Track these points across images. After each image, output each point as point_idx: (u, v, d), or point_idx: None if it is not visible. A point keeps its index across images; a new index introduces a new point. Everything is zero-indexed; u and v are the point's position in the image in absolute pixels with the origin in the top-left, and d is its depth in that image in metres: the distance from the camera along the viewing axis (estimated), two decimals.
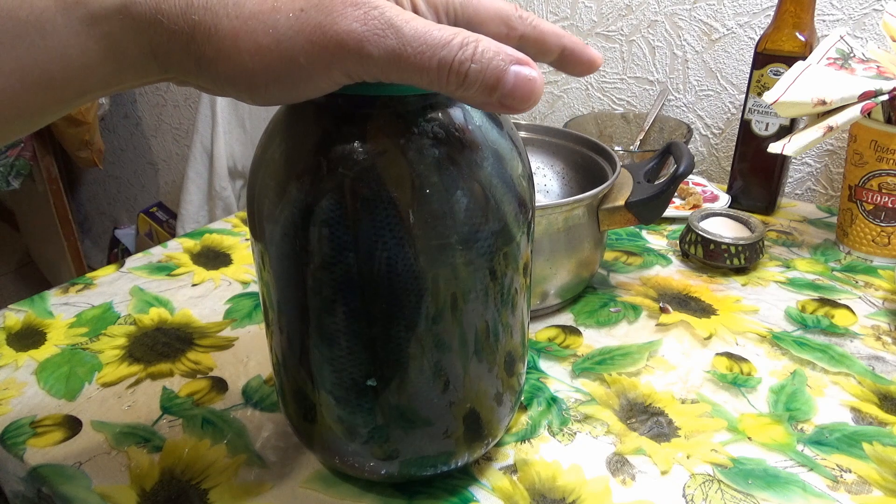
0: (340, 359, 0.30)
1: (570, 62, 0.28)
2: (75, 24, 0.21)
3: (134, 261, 0.62)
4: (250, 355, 0.48)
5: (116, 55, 0.22)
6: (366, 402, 0.31)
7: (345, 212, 0.26)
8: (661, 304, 0.54)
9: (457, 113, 0.28)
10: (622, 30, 0.86)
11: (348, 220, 0.26)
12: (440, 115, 0.27)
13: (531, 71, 0.22)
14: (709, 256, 0.58)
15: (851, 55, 0.58)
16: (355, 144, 0.26)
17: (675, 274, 0.59)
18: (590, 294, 0.56)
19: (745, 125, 0.69)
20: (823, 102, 0.54)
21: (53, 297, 0.56)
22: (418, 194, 0.26)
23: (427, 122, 0.27)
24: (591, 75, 0.90)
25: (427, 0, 0.25)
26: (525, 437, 0.40)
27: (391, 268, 0.27)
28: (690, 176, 0.72)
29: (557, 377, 0.45)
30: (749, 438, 0.40)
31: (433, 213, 0.27)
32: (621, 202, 0.50)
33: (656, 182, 0.51)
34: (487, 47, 0.22)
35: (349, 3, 0.21)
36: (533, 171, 0.57)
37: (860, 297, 0.56)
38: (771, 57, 0.65)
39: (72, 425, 0.41)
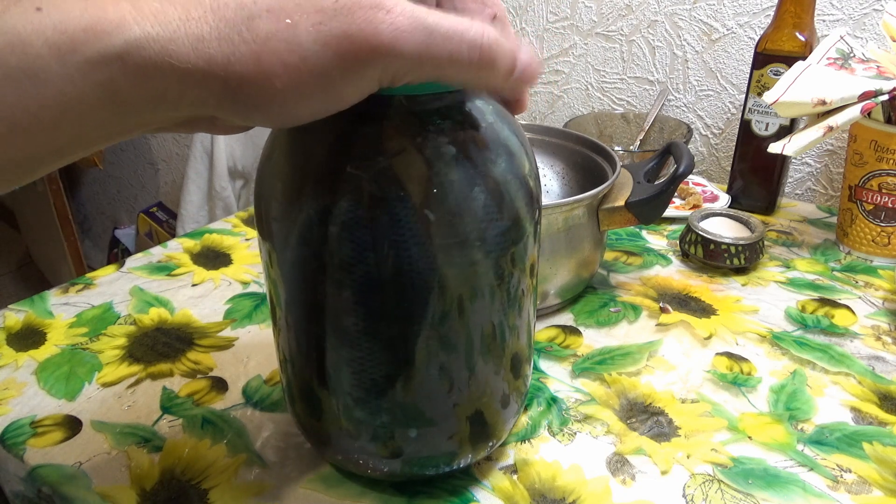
0: (359, 358, 0.30)
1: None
2: (71, 71, 0.20)
3: (134, 261, 0.62)
4: (250, 355, 0.48)
5: (116, 102, 0.21)
6: (383, 401, 0.31)
7: (364, 213, 0.26)
8: (661, 304, 0.54)
9: (470, 110, 0.28)
10: (622, 30, 0.86)
11: (367, 220, 0.26)
12: (454, 113, 0.27)
13: (530, 52, 0.24)
14: (709, 256, 0.58)
15: (851, 55, 0.58)
16: (372, 145, 0.26)
17: (675, 274, 0.59)
18: (590, 294, 0.56)
19: (745, 125, 0.69)
20: (823, 102, 0.54)
21: (53, 297, 0.56)
22: (437, 193, 0.26)
23: (442, 120, 0.27)
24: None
25: None
26: (525, 437, 0.40)
27: (412, 267, 0.27)
28: (690, 176, 0.72)
29: (557, 377, 0.45)
30: (749, 438, 0.40)
31: (452, 211, 0.27)
32: (621, 202, 0.50)
33: (656, 182, 0.51)
34: (495, 33, 0.23)
35: (368, 6, 0.21)
36: None
37: (860, 297, 0.56)
38: (771, 57, 0.65)
39: (72, 425, 0.41)
